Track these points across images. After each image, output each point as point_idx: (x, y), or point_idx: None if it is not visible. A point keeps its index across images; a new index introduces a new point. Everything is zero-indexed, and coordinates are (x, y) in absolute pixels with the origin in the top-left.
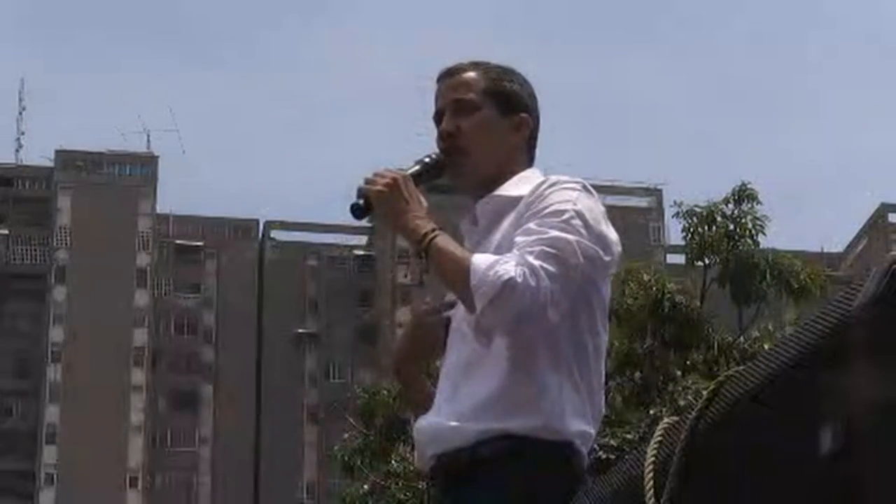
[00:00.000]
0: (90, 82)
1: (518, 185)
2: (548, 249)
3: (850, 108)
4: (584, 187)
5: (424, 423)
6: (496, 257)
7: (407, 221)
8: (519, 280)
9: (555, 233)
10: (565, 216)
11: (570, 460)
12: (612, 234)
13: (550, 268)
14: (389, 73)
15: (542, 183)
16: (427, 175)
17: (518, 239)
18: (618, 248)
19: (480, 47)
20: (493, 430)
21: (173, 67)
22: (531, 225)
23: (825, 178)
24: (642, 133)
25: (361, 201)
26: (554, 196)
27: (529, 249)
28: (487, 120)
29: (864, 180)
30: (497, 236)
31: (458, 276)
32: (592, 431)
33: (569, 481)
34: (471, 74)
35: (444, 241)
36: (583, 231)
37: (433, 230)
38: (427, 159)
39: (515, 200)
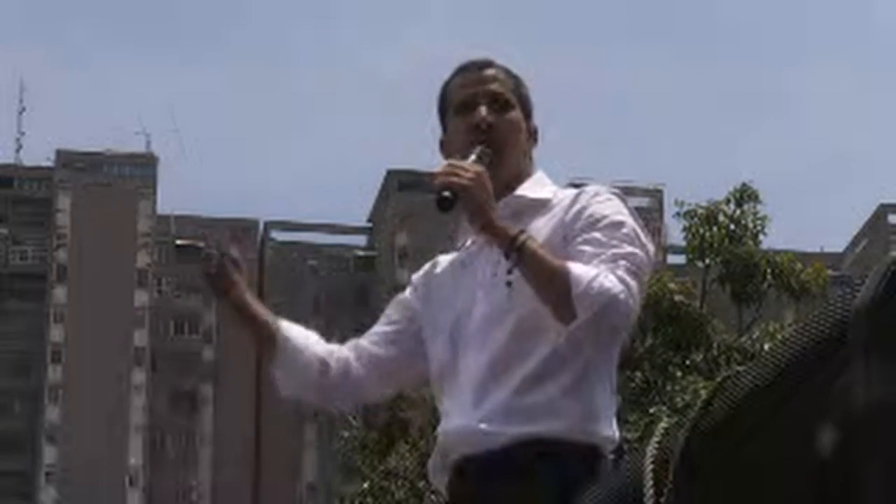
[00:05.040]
0: (90, 82)
1: (535, 188)
2: (630, 266)
3: (850, 108)
4: (622, 197)
5: (451, 426)
6: (594, 269)
7: (496, 219)
8: (621, 297)
9: (628, 248)
10: (626, 229)
11: (600, 463)
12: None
13: (634, 284)
14: (388, 72)
15: (581, 191)
16: None
17: (588, 249)
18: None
19: (478, 46)
20: (527, 433)
21: (173, 67)
22: (597, 235)
23: (826, 178)
24: (642, 133)
25: (448, 194)
26: (605, 206)
27: (616, 264)
28: (519, 121)
29: (864, 180)
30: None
31: (557, 283)
32: (618, 436)
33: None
34: (501, 73)
35: (535, 243)
36: (641, 244)
37: (522, 231)
38: (480, 154)
39: (539, 203)
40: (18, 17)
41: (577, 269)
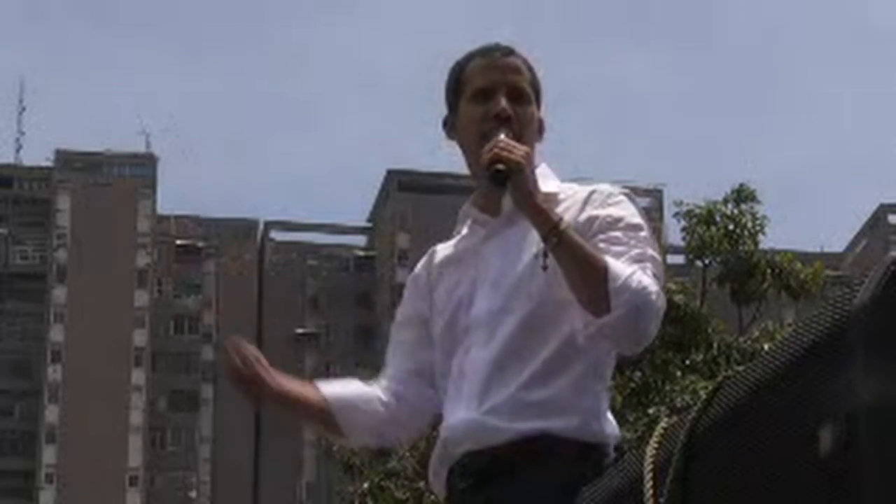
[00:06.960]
0: (90, 82)
1: (541, 181)
2: (654, 269)
3: (850, 108)
4: (634, 199)
5: (456, 419)
6: (629, 266)
7: (540, 201)
8: (654, 297)
9: (650, 251)
10: (644, 232)
11: (604, 461)
12: None
13: (658, 288)
14: (389, 72)
15: (595, 190)
16: None
17: (612, 248)
18: None
19: (478, 45)
20: (534, 429)
21: (173, 67)
22: (619, 235)
23: (826, 178)
24: (642, 133)
25: (503, 167)
26: (622, 207)
27: (643, 265)
28: (534, 115)
29: (864, 180)
30: (529, 230)
31: (594, 274)
32: (618, 432)
33: None
34: (522, 63)
35: (574, 232)
36: (656, 248)
37: (562, 217)
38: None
39: (548, 196)
40: (18, 17)
41: (614, 263)
